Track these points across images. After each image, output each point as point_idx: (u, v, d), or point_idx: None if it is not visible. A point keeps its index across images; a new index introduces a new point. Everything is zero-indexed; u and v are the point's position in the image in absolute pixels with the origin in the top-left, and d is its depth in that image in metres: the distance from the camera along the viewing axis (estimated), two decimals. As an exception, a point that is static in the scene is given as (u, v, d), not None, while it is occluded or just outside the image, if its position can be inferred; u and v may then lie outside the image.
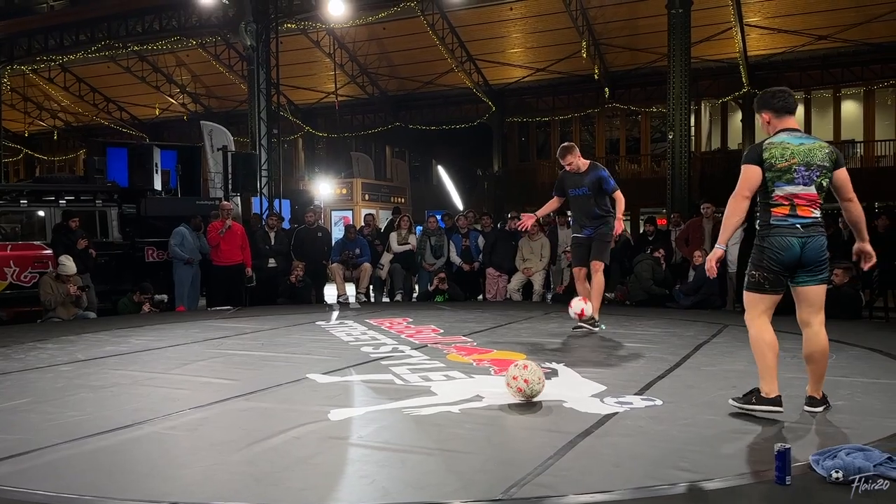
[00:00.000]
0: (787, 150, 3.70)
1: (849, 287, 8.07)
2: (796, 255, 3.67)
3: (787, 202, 3.69)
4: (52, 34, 19.67)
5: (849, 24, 18.22)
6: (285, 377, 4.88)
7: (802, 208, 3.68)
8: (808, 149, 3.71)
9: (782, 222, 3.69)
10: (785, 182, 3.69)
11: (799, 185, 3.68)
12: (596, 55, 20.87)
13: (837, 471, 2.74)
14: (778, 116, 3.83)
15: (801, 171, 3.68)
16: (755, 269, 3.77)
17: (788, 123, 3.82)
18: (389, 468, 3.06)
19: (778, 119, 3.83)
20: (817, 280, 3.74)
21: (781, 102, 3.83)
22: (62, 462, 3.22)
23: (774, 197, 3.72)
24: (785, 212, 3.69)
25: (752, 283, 3.79)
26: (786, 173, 3.69)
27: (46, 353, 6.13)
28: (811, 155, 3.70)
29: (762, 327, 3.76)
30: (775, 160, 3.70)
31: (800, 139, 3.75)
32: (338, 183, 23.31)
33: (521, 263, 10.53)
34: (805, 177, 3.68)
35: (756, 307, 3.79)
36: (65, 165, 30.33)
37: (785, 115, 3.83)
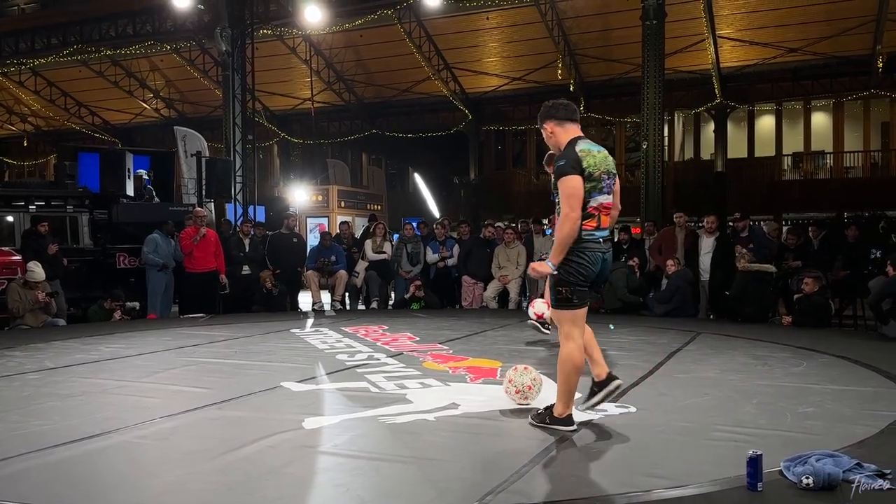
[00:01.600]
0: (596, 159, 3.57)
1: (819, 296, 8.19)
2: (599, 270, 3.63)
3: (597, 213, 3.58)
4: (23, 37, 19.41)
5: (819, 38, 18.58)
6: (259, 385, 4.83)
7: (605, 219, 3.62)
8: (605, 157, 3.62)
9: (590, 236, 3.57)
10: (598, 192, 3.57)
11: (606, 194, 3.60)
12: (571, 65, 21.05)
13: (808, 476, 2.77)
14: (562, 125, 3.73)
15: (605, 179, 3.59)
16: (563, 286, 3.58)
17: (577, 132, 3.71)
18: (364, 477, 3.04)
19: (563, 128, 3.72)
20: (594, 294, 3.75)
21: (564, 111, 3.75)
22: (27, 472, 3.14)
23: (589, 208, 3.55)
24: (593, 225, 3.57)
25: (562, 300, 3.61)
26: (598, 183, 3.57)
27: (14, 360, 6.01)
28: (608, 162, 3.63)
29: (574, 348, 3.61)
30: (592, 169, 3.54)
31: (595, 146, 3.64)
32: (313, 190, 23.18)
33: (496, 271, 10.54)
34: (608, 185, 3.61)
35: (565, 324, 3.63)
36: (35, 170, 29.78)
37: (569, 123, 3.73)
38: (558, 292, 3.62)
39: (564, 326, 3.66)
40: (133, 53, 21.66)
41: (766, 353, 6.19)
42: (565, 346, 3.65)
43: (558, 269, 3.59)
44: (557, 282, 3.61)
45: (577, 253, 3.56)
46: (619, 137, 24.03)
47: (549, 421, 3.69)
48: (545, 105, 3.83)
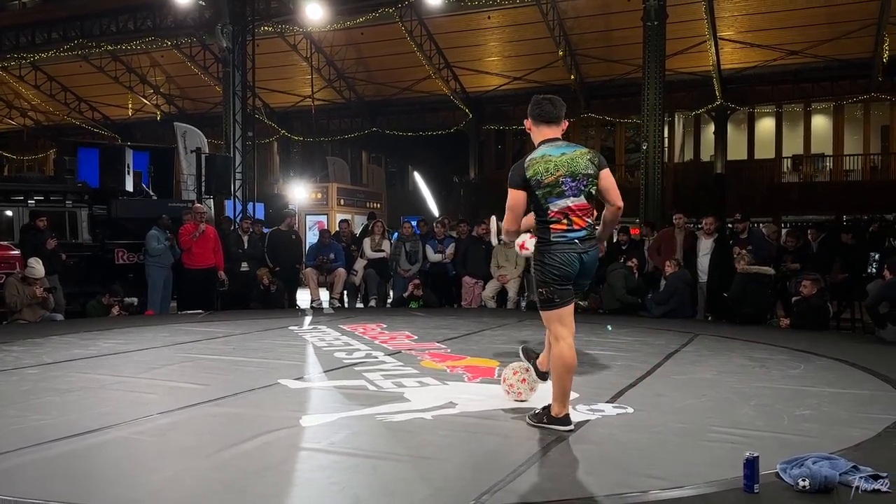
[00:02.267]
0: (550, 164, 3.57)
1: (817, 298, 8.20)
2: (576, 270, 3.63)
3: (563, 216, 3.59)
4: (24, 32, 19.37)
5: (820, 40, 18.58)
6: (256, 382, 4.83)
7: (578, 220, 3.60)
8: (571, 158, 3.58)
9: (561, 238, 3.60)
10: (556, 196, 3.57)
11: (570, 197, 3.57)
12: (572, 65, 21.04)
13: (804, 479, 2.78)
14: (537, 125, 3.71)
15: (568, 182, 3.56)
16: (542, 287, 3.65)
17: (547, 134, 3.68)
18: (360, 475, 3.04)
19: (537, 128, 3.71)
20: (582, 292, 3.78)
21: (538, 110, 3.69)
22: (25, 467, 3.14)
23: (550, 213, 3.59)
24: (563, 227, 3.59)
25: (544, 301, 3.67)
26: (555, 187, 3.56)
27: (12, 355, 6.00)
28: (574, 164, 3.57)
29: (564, 347, 3.66)
30: (541, 176, 3.56)
31: (560, 149, 3.62)
32: (313, 187, 23.18)
33: (495, 271, 10.54)
34: (573, 188, 3.57)
35: (553, 324, 3.69)
36: (34, 165, 29.75)
37: (543, 125, 3.69)
38: (540, 294, 3.68)
39: (552, 327, 3.70)
40: (133, 49, 21.65)
41: (764, 355, 6.20)
42: (555, 346, 3.68)
43: (535, 271, 3.72)
44: (537, 284, 3.69)
45: (549, 255, 3.62)
46: (619, 138, 24.02)
47: (546, 421, 3.70)
48: (532, 100, 3.78)
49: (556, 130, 3.70)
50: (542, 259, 3.63)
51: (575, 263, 3.61)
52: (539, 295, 3.68)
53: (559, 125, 3.71)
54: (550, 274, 3.61)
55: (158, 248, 9.90)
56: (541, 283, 3.65)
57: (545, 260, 3.62)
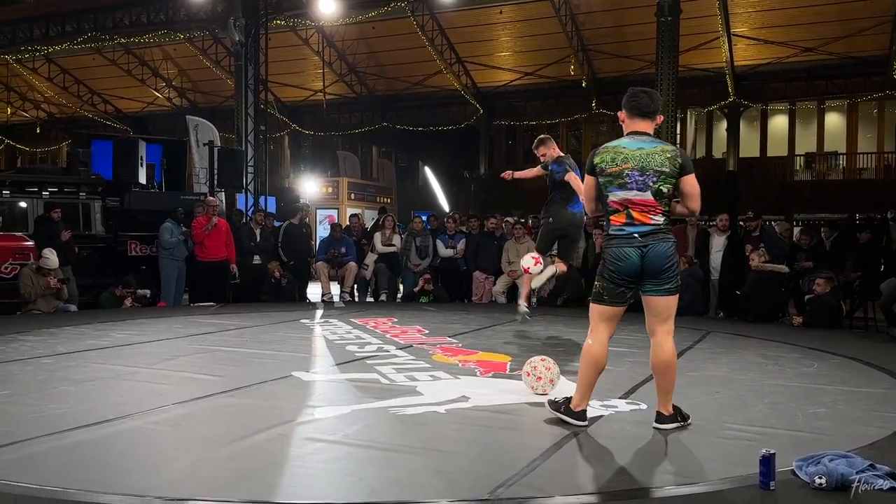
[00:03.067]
0: (620, 155, 3.56)
1: (830, 297, 8.16)
2: (635, 266, 3.53)
3: (623, 208, 3.56)
4: (38, 24, 19.44)
5: (834, 38, 18.45)
6: (270, 374, 4.86)
7: (639, 215, 3.53)
8: (646, 153, 3.52)
9: (619, 232, 3.57)
10: (617, 187, 3.55)
11: (633, 190, 3.52)
12: (584, 61, 20.98)
13: (821, 477, 2.77)
14: (630, 117, 3.67)
15: (634, 175, 3.51)
16: (598, 279, 3.67)
17: (637, 126, 3.64)
18: (375, 467, 3.05)
19: (630, 120, 3.67)
20: (662, 291, 3.57)
21: (634, 102, 3.65)
22: (43, 455, 3.17)
23: (610, 203, 3.60)
24: (622, 220, 3.56)
25: (594, 293, 3.70)
26: (617, 178, 3.55)
27: (27, 345, 6.06)
28: (648, 160, 3.51)
29: (596, 342, 3.65)
30: (605, 164, 3.58)
31: (639, 143, 3.57)
32: (324, 181, 23.22)
33: (506, 266, 10.53)
34: (639, 182, 3.51)
35: (593, 318, 3.69)
36: (47, 157, 29.93)
37: (636, 118, 3.65)
38: (595, 285, 3.70)
39: (592, 320, 3.70)
40: (146, 42, 21.70)
41: (777, 353, 6.18)
42: (588, 340, 3.69)
43: (601, 262, 3.70)
44: (597, 275, 3.70)
45: (607, 249, 3.63)
46: (630, 134, 23.93)
47: (563, 410, 3.70)
48: (628, 91, 3.73)
49: (648, 125, 3.65)
50: (605, 252, 3.67)
51: (632, 259, 3.52)
52: (594, 286, 3.70)
53: (653, 120, 3.66)
54: (607, 269, 3.61)
55: (171, 241, 9.95)
56: (598, 275, 3.68)
57: (604, 254, 3.67)
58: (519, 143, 26.17)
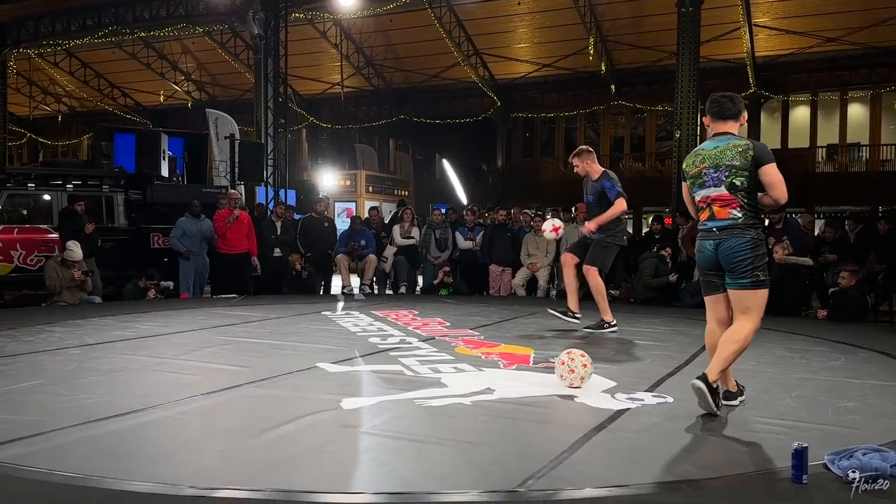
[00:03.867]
0: (699, 157, 3.86)
1: (855, 290, 8.07)
2: (711, 258, 3.80)
3: (706, 206, 3.83)
4: (59, 18, 19.61)
5: (857, 27, 18.19)
6: (295, 365, 4.89)
7: (720, 210, 3.77)
8: (720, 151, 3.77)
9: (702, 227, 3.87)
10: (698, 187, 3.85)
11: (710, 187, 3.79)
12: (603, 52, 20.84)
13: (854, 471, 2.74)
14: (713, 121, 3.91)
15: (710, 173, 3.78)
16: (698, 273, 4.02)
17: (720, 128, 3.87)
18: (405, 457, 3.06)
19: (714, 124, 3.91)
20: (737, 284, 3.73)
21: (716, 108, 3.88)
22: (75, 444, 3.22)
23: (697, 202, 3.90)
24: (706, 216, 3.84)
25: None
26: (697, 178, 3.85)
27: (55, 336, 6.14)
28: (721, 157, 3.76)
29: (708, 330, 3.99)
30: (689, 168, 3.91)
31: (715, 143, 3.81)
32: (342, 174, 23.29)
33: (525, 259, 10.52)
34: (714, 178, 3.77)
35: (706, 308, 4.02)
36: (68, 150, 30.26)
37: (719, 121, 3.88)
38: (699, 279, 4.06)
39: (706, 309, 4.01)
40: (165, 36, 21.86)
41: (803, 346, 6.13)
42: None
43: None
44: None
45: (697, 244, 3.93)
46: (649, 126, 23.78)
47: None
48: (710, 97, 3.98)
49: (731, 126, 3.87)
50: None
51: (708, 251, 3.80)
52: None
53: (736, 121, 3.88)
54: (697, 261, 3.98)
55: (175, 243, 10.00)
56: (697, 268, 4.05)
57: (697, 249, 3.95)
58: (537, 135, 26.09)
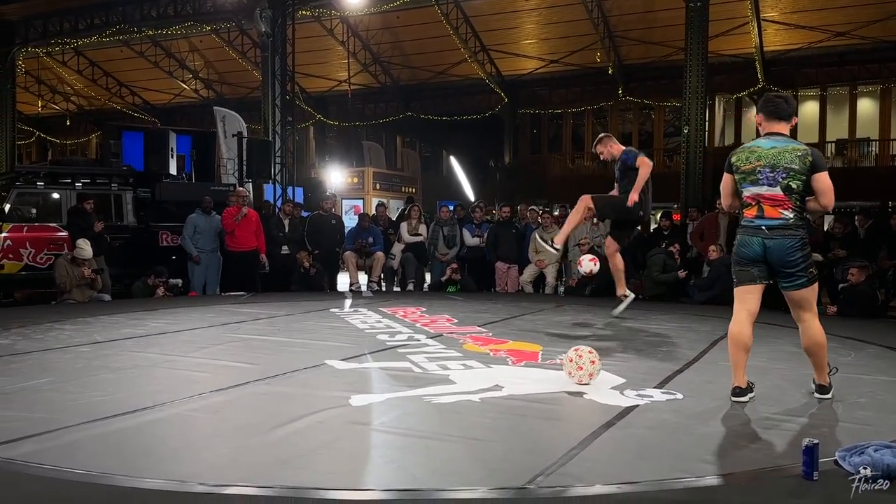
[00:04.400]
0: (754, 154, 3.88)
1: (865, 286, 8.03)
2: (757, 254, 3.85)
3: (755, 202, 3.87)
4: (67, 17, 19.68)
5: (867, 21, 18.05)
6: (304, 362, 4.89)
7: (770, 209, 3.82)
8: (778, 152, 3.83)
9: (749, 223, 3.91)
10: (750, 183, 3.87)
11: (763, 185, 3.83)
12: (610, 48, 20.76)
13: (866, 467, 2.73)
14: (767, 120, 3.98)
15: (765, 172, 3.83)
16: (734, 265, 4.03)
17: (774, 128, 3.94)
18: (414, 454, 3.07)
19: (767, 123, 3.98)
20: (796, 285, 3.86)
21: (772, 108, 3.96)
22: (85, 442, 3.23)
23: (744, 198, 3.92)
24: (753, 213, 3.88)
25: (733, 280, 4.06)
26: (750, 175, 3.87)
27: (64, 333, 6.17)
28: (778, 158, 3.82)
29: (734, 322, 3.97)
30: (741, 163, 3.91)
31: (773, 143, 3.88)
32: (349, 172, 23.30)
33: (533, 256, 10.50)
34: (770, 178, 3.82)
35: (735, 300, 4.02)
36: (77, 149, 30.40)
37: (774, 121, 3.95)
38: (732, 271, 4.05)
39: (735, 303, 4.03)
40: (173, 34, 21.91)
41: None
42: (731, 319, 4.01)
43: None
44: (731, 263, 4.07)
45: (737, 237, 3.99)
46: (657, 122, 23.70)
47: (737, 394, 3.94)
48: (764, 96, 4.07)
49: (784, 126, 3.95)
50: (736, 241, 4.01)
51: (754, 247, 3.85)
52: (732, 272, 4.06)
53: (788, 122, 3.97)
54: (735, 254, 3.99)
55: (188, 244, 10.01)
56: (732, 261, 4.03)
57: (735, 241, 4.01)
58: (544, 131, 26.04)
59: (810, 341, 3.97)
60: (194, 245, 10.12)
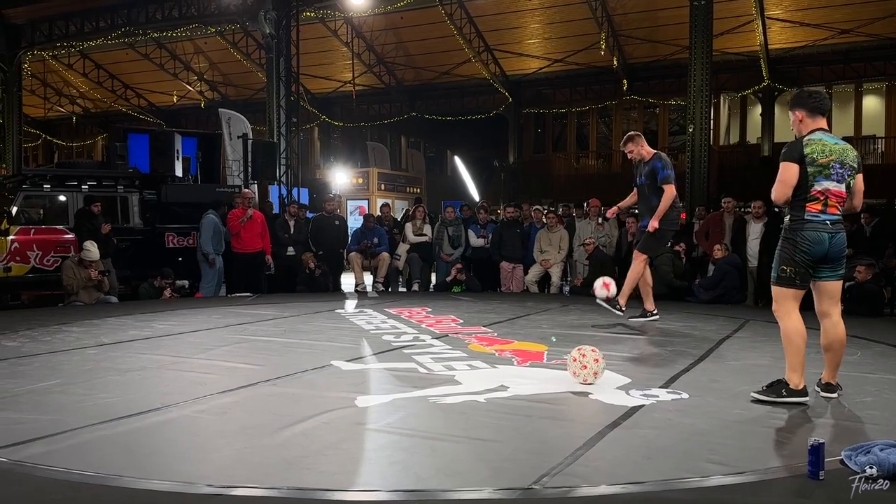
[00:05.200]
0: (826, 148, 3.86)
1: (872, 283, 8.01)
2: (825, 250, 3.82)
3: (823, 197, 3.83)
4: (73, 20, 19.76)
5: (872, 19, 17.98)
6: (310, 363, 4.91)
7: (832, 206, 3.84)
8: (843, 149, 3.90)
9: (815, 218, 3.83)
10: (823, 177, 3.84)
11: (834, 181, 3.84)
12: (614, 47, 20.74)
13: (871, 466, 2.73)
14: (811, 116, 3.97)
15: (836, 168, 3.84)
16: (786, 265, 3.89)
17: (820, 124, 3.96)
18: (420, 455, 3.08)
19: (811, 119, 3.97)
20: (837, 275, 3.93)
21: (816, 103, 3.98)
22: (94, 443, 3.26)
23: (812, 192, 3.83)
24: (818, 208, 3.83)
25: (783, 279, 3.91)
26: (825, 168, 3.84)
27: (72, 335, 6.20)
28: (845, 155, 3.89)
29: (797, 320, 3.90)
30: (817, 155, 3.84)
31: (834, 139, 3.93)
32: (354, 172, 23.33)
33: (538, 255, 10.50)
34: (839, 174, 3.85)
35: (787, 301, 3.93)
36: (83, 151, 30.53)
37: (818, 116, 3.97)
38: (782, 271, 3.91)
39: (785, 303, 3.92)
40: (178, 36, 21.97)
41: (818, 341, 6.04)
42: (787, 321, 3.92)
43: (783, 248, 3.91)
44: (782, 261, 3.91)
45: (801, 232, 3.84)
46: (662, 120, 23.66)
47: (786, 394, 3.89)
48: (800, 92, 4.08)
49: (825, 121, 4.00)
50: (794, 237, 3.86)
51: (825, 242, 3.81)
52: (781, 272, 3.91)
53: (825, 117, 4.01)
54: (801, 252, 3.83)
55: (206, 248, 9.99)
56: (787, 260, 3.87)
57: (797, 238, 3.85)
58: (548, 130, 26.02)
59: (837, 338, 3.95)
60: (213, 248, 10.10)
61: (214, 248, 10.05)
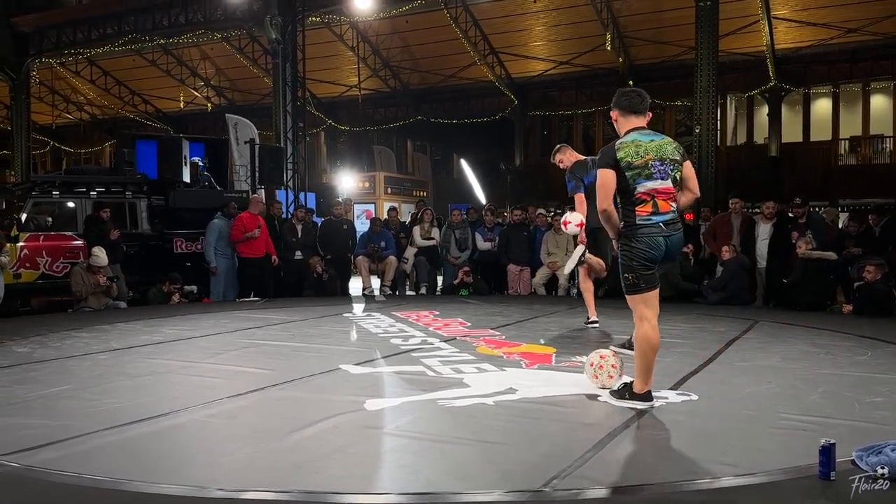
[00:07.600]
0: (641, 148, 3.77)
1: (880, 284, 7.96)
2: (662, 253, 3.77)
3: (650, 198, 3.73)
4: (80, 27, 19.90)
5: (879, 17, 17.89)
6: (318, 367, 4.92)
7: (663, 203, 3.75)
8: (659, 145, 3.80)
9: (647, 222, 3.73)
10: (645, 178, 3.74)
11: (657, 179, 3.74)
12: (620, 48, 20.72)
13: (883, 467, 2.71)
14: (624, 115, 3.92)
15: (657, 165, 3.75)
16: (627, 272, 3.79)
17: (635, 123, 3.89)
18: (429, 458, 3.08)
19: (625, 119, 3.92)
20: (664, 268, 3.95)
21: (628, 102, 3.91)
22: (104, 448, 3.27)
23: (637, 195, 3.74)
24: (648, 210, 3.73)
25: (628, 286, 3.81)
26: (644, 169, 3.74)
27: (82, 341, 6.23)
28: (663, 150, 3.78)
29: (647, 328, 3.79)
30: (631, 158, 3.75)
31: (649, 136, 3.83)
32: (360, 176, 23.35)
33: (546, 258, 10.49)
34: (661, 171, 3.75)
35: (637, 307, 3.82)
36: (91, 157, 30.67)
37: (631, 115, 3.91)
38: (625, 279, 3.82)
39: (637, 308, 3.83)
40: (184, 42, 22.07)
41: (828, 341, 6.05)
42: (640, 327, 3.82)
43: (621, 256, 3.81)
44: (623, 269, 3.82)
45: (636, 239, 3.74)
46: (668, 121, 23.59)
47: (628, 397, 3.87)
48: (618, 92, 4.02)
49: (642, 120, 3.92)
50: (629, 243, 3.77)
51: (661, 247, 3.75)
52: (624, 280, 3.81)
53: (644, 115, 3.93)
54: (637, 258, 3.75)
55: (210, 254, 10.05)
56: (627, 268, 3.79)
57: (632, 244, 3.76)
58: (554, 133, 25.96)
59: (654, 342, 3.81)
60: (217, 251, 10.14)
61: (222, 251, 10.07)
